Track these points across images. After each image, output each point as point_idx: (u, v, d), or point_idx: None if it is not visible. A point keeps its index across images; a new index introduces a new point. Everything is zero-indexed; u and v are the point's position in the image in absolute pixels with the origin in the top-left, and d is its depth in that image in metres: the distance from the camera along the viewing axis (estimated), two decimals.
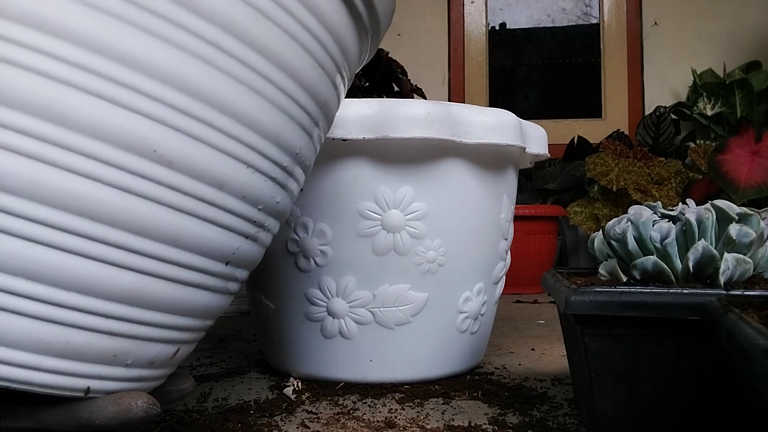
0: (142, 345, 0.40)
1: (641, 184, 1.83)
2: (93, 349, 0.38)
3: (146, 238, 0.38)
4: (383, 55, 1.14)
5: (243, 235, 0.44)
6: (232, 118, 0.40)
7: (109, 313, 0.38)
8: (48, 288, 0.36)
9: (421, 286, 0.73)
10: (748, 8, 2.31)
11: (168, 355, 0.43)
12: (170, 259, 0.39)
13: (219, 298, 0.46)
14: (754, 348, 0.31)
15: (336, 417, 0.63)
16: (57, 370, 0.37)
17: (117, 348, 0.39)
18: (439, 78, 2.48)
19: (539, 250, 1.83)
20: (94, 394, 0.39)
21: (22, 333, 0.36)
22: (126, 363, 0.40)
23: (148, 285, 0.39)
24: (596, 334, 0.50)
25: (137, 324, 0.40)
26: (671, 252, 0.55)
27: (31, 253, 0.35)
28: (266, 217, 0.46)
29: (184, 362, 0.88)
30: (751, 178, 1.59)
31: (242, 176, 0.42)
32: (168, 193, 0.38)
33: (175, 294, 0.41)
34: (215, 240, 0.42)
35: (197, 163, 0.39)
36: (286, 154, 0.46)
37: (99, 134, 0.35)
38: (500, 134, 0.73)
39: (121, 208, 0.37)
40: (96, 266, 0.37)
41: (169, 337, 0.42)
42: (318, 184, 0.72)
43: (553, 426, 0.59)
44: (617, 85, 2.41)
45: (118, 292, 0.38)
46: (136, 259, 0.38)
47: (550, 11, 2.55)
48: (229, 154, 0.41)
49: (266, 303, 0.78)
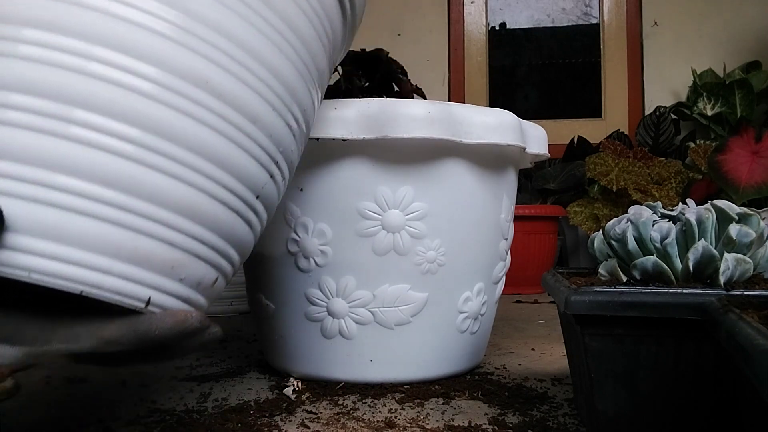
0: (193, 261, 0.44)
1: (641, 184, 1.83)
2: (156, 257, 0.41)
3: (201, 157, 0.43)
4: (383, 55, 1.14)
5: (268, 172, 0.50)
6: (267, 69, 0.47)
7: (171, 223, 0.42)
8: (120, 194, 0.39)
9: (421, 286, 0.73)
10: (748, 8, 2.31)
11: (210, 280, 0.46)
12: (219, 181, 0.44)
13: (249, 233, 0.50)
14: (754, 348, 0.31)
15: (336, 417, 0.63)
16: (125, 276, 0.40)
17: (175, 260, 0.43)
18: (439, 78, 2.48)
19: (539, 250, 1.83)
20: (154, 307, 0.41)
21: (96, 236, 0.39)
22: (180, 278, 0.43)
23: (202, 201, 0.44)
24: (596, 334, 0.50)
25: (191, 238, 0.43)
26: (671, 252, 0.55)
27: (105, 161, 0.39)
28: (282, 162, 0.52)
29: (184, 362, 0.88)
30: (751, 178, 1.59)
31: (270, 116, 0.48)
32: (218, 120, 0.44)
33: (222, 215, 0.45)
34: (252, 170, 0.47)
35: (239, 98, 0.45)
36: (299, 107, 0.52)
37: (165, 65, 0.41)
38: (500, 134, 0.73)
39: (180, 127, 0.42)
40: (161, 177, 0.41)
41: (213, 260, 0.46)
42: (318, 184, 0.72)
43: (553, 426, 0.59)
44: (617, 85, 2.41)
45: (178, 204, 0.42)
46: (194, 175, 0.43)
47: (550, 11, 2.55)
48: (262, 95, 0.47)
49: (266, 303, 0.78)
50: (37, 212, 0.38)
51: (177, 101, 0.42)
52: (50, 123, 0.39)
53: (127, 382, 0.77)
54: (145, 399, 0.69)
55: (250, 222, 0.50)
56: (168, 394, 0.72)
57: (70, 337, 0.39)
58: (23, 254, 0.37)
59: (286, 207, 0.73)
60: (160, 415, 0.63)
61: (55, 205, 0.38)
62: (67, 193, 0.38)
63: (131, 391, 0.73)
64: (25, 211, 0.38)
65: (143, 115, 0.40)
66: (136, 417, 0.63)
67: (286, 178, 0.54)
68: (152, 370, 0.83)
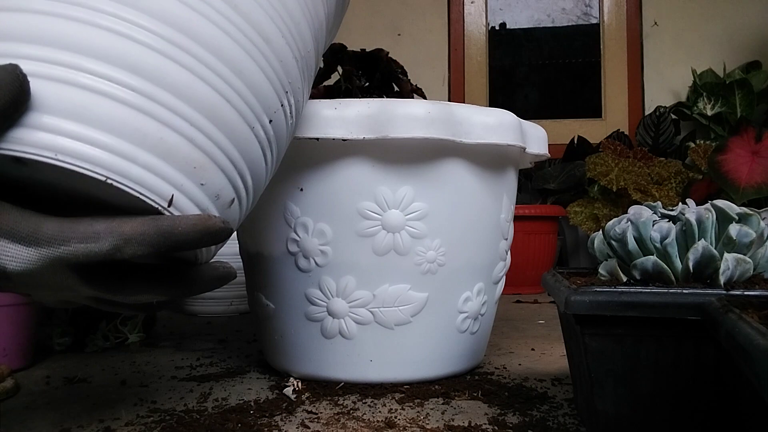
0: (213, 167, 0.44)
1: (641, 184, 1.83)
2: (180, 152, 0.41)
3: (221, 62, 0.44)
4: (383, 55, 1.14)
5: (279, 101, 0.50)
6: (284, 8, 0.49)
7: (194, 120, 0.42)
8: (147, 82, 0.40)
9: (421, 286, 0.73)
10: (748, 8, 2.31)
11: (228, 197, 0.46)
12: (236, 88, 0.45)
13: (262, 159, 0.50)
14: (754, 348, 0.31)
15: (336, 417, 0.63)
16: (150, 167, 0.39)
17: (197, 160, 0.43)
18: (439, 78, 2.48)
19: (539, 250, 1.83)
20: (175, 210, 0.41)
21: (123, 121, 0.39)
22: (201, 182, 0.43)
23: (222, 105, 0.44)
24: (596, 334, 0.50)
25: (212, 142, 0.44)
26: (671, 252, 0.55)
27: (133, 50, 0.40)
28: (291, 96, 0.53)
29: (185, 361, 0.88)
30: (751, 178, 1.59)
31: (280, 40, 0.50)
32: (236, 31, 0.45)
33: (239, 125, 0.46)
34: (266, 87, 0.48)
35: (253, 13, 0.46)
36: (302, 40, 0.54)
37: None
38: (500, 134, 0.73)
39: (204, 30, 0.43)
40: (185, 73, 0.42)
41: (231, 174, 0.46)
42: (318, 184, 0.72)
43: (553, 426, 0.59)
44: (617, 85, 2.41)
45: (201, 103, 0.42)
46: (215, 78, 0.43)
47: (550, 11, 2.55)
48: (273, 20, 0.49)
49: (266, 303, 0.78)
50: (65, 92, 0.38)
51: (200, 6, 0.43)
52: (79, 11, 0.39)
53: (127, 382, 0.77)
54: (145, 399, 0.69)
55: (263, 147, 0.50)
56: (168, 394, 0.72)
57: (90, 235, 0.37)
58: (50, 134, 0.37)
59: (286, 207, 0.73)
60: (160, 415, 0.63)
61: (84, 87, 0.38)
62: (96, 77, 0.38)
63: (131, 391, 0.73)
64: (53, 91, 0.37)
65: (169, 12, 0.41)
66: (136, 417, 0.63)
67: (294, 118, 0.55)
68: (152, 370, 0.83)
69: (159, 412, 0.64)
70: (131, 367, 0.86)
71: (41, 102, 0.37)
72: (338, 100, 0.70)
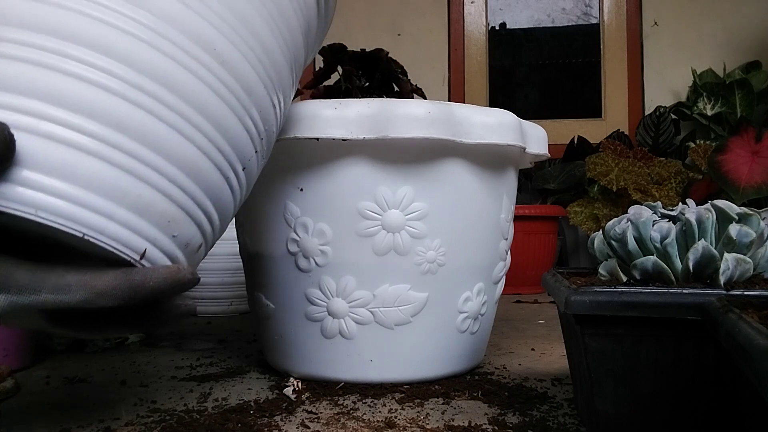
0: (186, 220, 0.45)
1: (641, 184, 1.83)
2: (155, 208, 0.42)
3: (202, 116, 0.44)
4: (383, 55, 1.14)
5: (254, 147, 0.51)
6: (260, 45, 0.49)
7: (173, 177, 0.43)
8: (129, 139, 0.40)
9: (421, 286, 0.73)
10: (748, 8, 2.31)
11: (197, 243, 0.47)
12: (217, 144, 0.46)
13: (233, 202, 0.51)
14: (754, 348, 0.31)
15: (336, 417, 0.63)
16: (126, 224, 0.40)
17: (171, 214, 0.43)
18: (439, 78, 2.47)
19: (539, 250, 1.83)
20: (146, 262, 0.41)
21: (104, 179, 0.39)
22: (173, 235, 0.44)
23: (201, 161, 0.45)
24: (596, 334, 0.50)
25: (187, 195, 0.44)
26: (671, 252, 0.55)
27: (116, 105, 0.40)
28: (266, 140, 0.54)
29: (185, 361, 0.88)
30: (751, 178, 1.59)
31: (261, 90, 0.50)
32: (220, 84, 0.45)
33: (215, 178, 0.47)
34: (244, 140, 0.49)
35: (238, 67, 0.47)
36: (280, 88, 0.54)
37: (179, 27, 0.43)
38: (500, 134, 0.73)
39: (188, 85, 0.43)
40: (168, 131, 0.42)
41: (202, 223, 0.47)
42: (318, 184, 0.72)
43: (553, 426, 0.59)
44: (617, 85, 2.41)
45: (181, 159, 0.43)
46: (197, 134, 0.44)
47: (550, 11, 2.55)
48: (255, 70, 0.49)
49: (266, 303, 0.78)
50: (49, 149, 0.38)
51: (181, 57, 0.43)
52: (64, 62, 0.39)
53: (127, 382, 0.77)
54: (145, 399, 0.69)
55: (235, 192, 0.51)
56: (168, 394, 0.72)
57: (62, 287, 0.37)
58: (32, 191, 0.37)
59: (286, 207, 0.73)
60: (160, 415, 0.63)
61: (67, 143, 0.38)
62: (78, 133, 0.38)
63: (131, 391, 0.73)
64: (36, 146, 0.37)
65: (155, 67, 0.42)
66: (136, 417, 0.63)
67: (266, 153, 0.56)
68: (152, 370, 0.83)
69: (159, 412, 0.64)
70: (131, 367, 0.86)
71: (24, 157, 0.37)
72: (338, 100, 0.70)
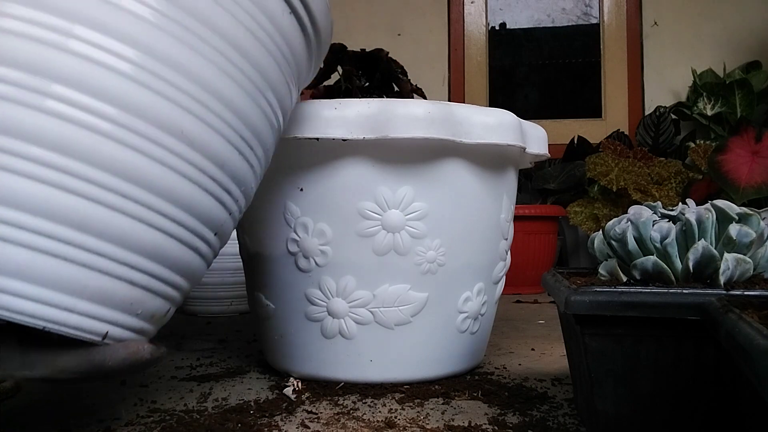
0: (151, 297, 0.46)
1: (641, 184, 1.83)
2: (117, 295, 0.43)
3: (168, 202, 0.45)
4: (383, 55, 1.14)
5: (228, 210, 0.52)
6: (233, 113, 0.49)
7: (135, 264, 0.44)
8: (87, 236, 0.41)
9: (421, 286, 0.73)
10: (748, 8, 2.31)
11: (164, 311, 0.49)
12: (183, 223, 0.46)
13: (204, 265, 0.52)
14: (754, 348, 0.31)
15: (336, 417, 0.63)
16: (87, 314, 0.42)
17: (134, 297, 0.44)
18: (439, 78, 2.47)
19: (539, 250, 1.83)
20: (109, 340, 0.43)
21: (62, 276, 0.40)
22: (137, 313, 0.45)
23: (165, 243, 0.45)
24: (596, 334, 0.50)
25: (152, 277, 0.45)
26: (671, 252, 0.55)
27: (75, 205, 0.41)
28: (242, 199, 0.55)
29: (185, 362, 0.88)
30: (751, 178, 1.59)
31: (236, 161, 0.50)
32: (187, 167, 0.45)
33: (182, 254, 0.47)
34: (214, 211, 0.49)
35: (210, 146, 0.47)
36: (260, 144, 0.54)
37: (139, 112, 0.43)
38: (500, 134, 0.73)
39: (151, 173, 0.43)
40: (129, 222, 0.43)
41: (169, 294, 0.48)
42: (318, 184, 0.72)
43: (553, 426, 0.59)
44: (617, 85, 2.41)
45: (143, 246, 0.44)
46: (160, 219, 0.44)
47: (550, 11, 2.55)
48: (230, 142, 0.49)
49: (266, 303, 0.78)
50: (6, 251, 0.39)
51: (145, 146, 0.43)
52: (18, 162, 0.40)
53: (127, 382, 0.77)
54: (145, 399, 0.69)
55: (205, 256, 0.52)
56: (168, 394, 0.72)
57: (26, 364, 0.40)
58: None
59: (286, 207, 0.73)
60: (160, 415, 0.63)
61: (24, 245, 0.40)
62: (36, 234, 0.40)
63: (131, 391, 0.73)
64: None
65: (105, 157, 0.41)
66: (136, 417, 0.63)
67: (243, 210, 0.57)
68: (152, 370, 0.83)
69: (159, 412, 0.64)
70: None
71: None
72: (338, 100, 0.70)
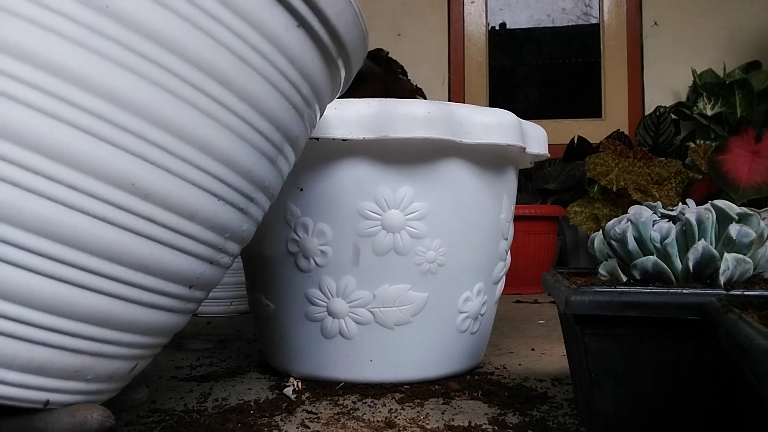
0: (103, 362, 0.42)
1: (641, 184, 1.83)
2: (56, 365, 0.39)
3: (119, 264, 0.40)
4: (383, 55, 1.14)
5: (208, 261, 0.46)
6: (208, 155, 0.42)
7: (76, 332, 0.39)
8: (17, 306, 0.37)
9: (421, 286, 0.73)
10: (748, 8, 2.31)
11: (126, 370, 0.45)
12: (139, 284, 0.41)
13: (178, 317, 0.48)
14: (754, 348, 0.31)
15: (336, 417, 0.63)
16: (20, 384, 0.38)
17: (80, 364, 0.40)
18: (439, 78, 2.47)
19: (539, 250, 1.83)
20: (53, 406, 0.40)
21: None
22: (86, 378, 0.41)
23: (115, 307, 0.41)
24: (596, 334, 0.50)
25: (101, 342, 0.41)
26: (671, 252, 0.55)
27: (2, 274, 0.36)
28: (230, 244, 0.49)
29: (185, 362, 0.88)
30: (751, 178, 1.59)
31: (213, 207, 0.44)
32: (142, 223, 0.40)
33: (140, 315, 0.43)
34: (183, 266, 0.44)
35: (172, 196, 0.41)
36: (256, 187, 0.48)
37: (80, 165, 0.37)
38: (500, 134, 0.73)
39: (97, 236, 0.38)
40: (67, 289, 0.38)
41: (129, 354, 0.44)
42: (318, 184, 0.72)
43: (553, 426, 0.59)
44: (617, 85, 2.41)
45: (86, 313, 0.39)
46: (108, 284, 0.40)
47: (550, 11, 2.55)
48: (203, 188, 0.43)
49: (266, 303, 0.78)
50: None
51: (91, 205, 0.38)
52: None
53: None
54: None
55: (179, 310, 0.47)
56: (168, 394, 0.72)
57: None
58: None
59: (286, 207, 0.73)
60: (160, 415, 0.63)
61: None
62: None
63: None
64: None
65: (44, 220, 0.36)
66: (136, 417, 0.63)
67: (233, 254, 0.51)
68: (152, 370, 0.83)
69: (159, 412, 0.64)
70: None
71: None
72: (338, 100, 0.70)
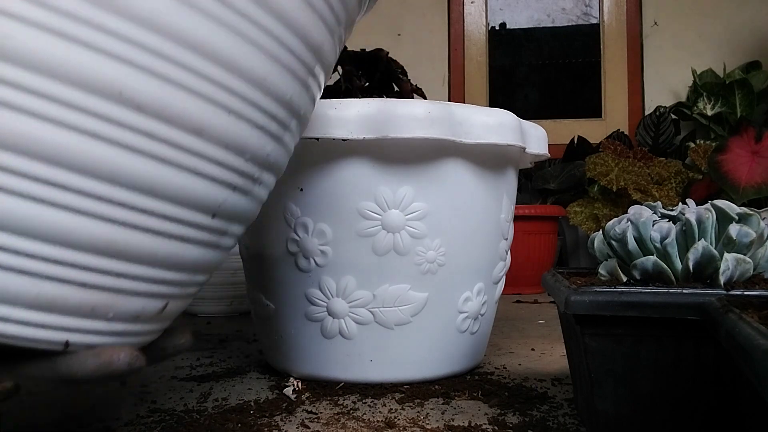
0: (122, 299, 0.38)
1: (641, 184, 1.83)
2: (68, 301, 0.36)
3: (117, 186, 0.35)
4: (383, 55, 1.14)
5: (229, 186, 0.42)
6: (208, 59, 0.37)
7: (83, 264, 0.36)
8: (11, 236, 0.33)
9: (421, 286, 0.73)
10: (748, 8, 2.31)
11: (155, 309, 0.41)
12: (147, 209, 0.37)
13: (209, 252, 0.43)
14: (754, 348, 0.31)
15: (336, 417, 0.63)
16: (29, 322, 0.35)
17: (95, 301, 0.37)
18: (439, 78, 2.48)
19: (539, 250, 1.83)
20: (75, 347, 0.37)
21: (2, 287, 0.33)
22: (107, 317, 0.38)
23: (124, 236, 0.36)
24: (596, 334, 0.50)
25: (115, 276, 0.37)
26: (671, 252, 0.55)
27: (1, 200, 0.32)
28: (256, 169, 0.44)
29: (185, 362, 0.88)
30: (751, 178, 1.59)
31: (223, 123, 0.39)
32: (138, 138, 0.35)
33: (157, 246, 0.38)
34: (196, 190, 0.39)
35: (169, 107, 0.36)
36: (275, 101, 0.43)
37: (58, 74, 0.32)
38: (500, 134, 0.73)
39: (86, 153, 0.34)
40: (63, 215, 0.34)
41: (153, 291, 0.40)
42: (318, 184, 0.72)
43: (553, 426, 0.59)
44: (617, 85, 2.41)
45: (91, 243, 0.35)
46: (108, 208, 0.35)
47: (550, 11, 2.55)
48: (206, 98, 0.38)
49: (266, 303, 0.78)
50: None
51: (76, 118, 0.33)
52: None
53: (127, 382, 0.77)
54: (145, 399, 0.69)
55: (206, 243, 0.43)
56: (168, 394, 0.72)
57: None
58: None
59: (286, 207, 0.73)
60: (160, 415, 0.63)
61: None
62: None
63: (131, 391, 0.73)
64: None
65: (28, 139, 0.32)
66: (136, 417, 0.63)
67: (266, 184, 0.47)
68: (152, 370, 0.83)
69: (159, 412, 0.64)
70: None
71: None
72: (338, 100, 0.70)
